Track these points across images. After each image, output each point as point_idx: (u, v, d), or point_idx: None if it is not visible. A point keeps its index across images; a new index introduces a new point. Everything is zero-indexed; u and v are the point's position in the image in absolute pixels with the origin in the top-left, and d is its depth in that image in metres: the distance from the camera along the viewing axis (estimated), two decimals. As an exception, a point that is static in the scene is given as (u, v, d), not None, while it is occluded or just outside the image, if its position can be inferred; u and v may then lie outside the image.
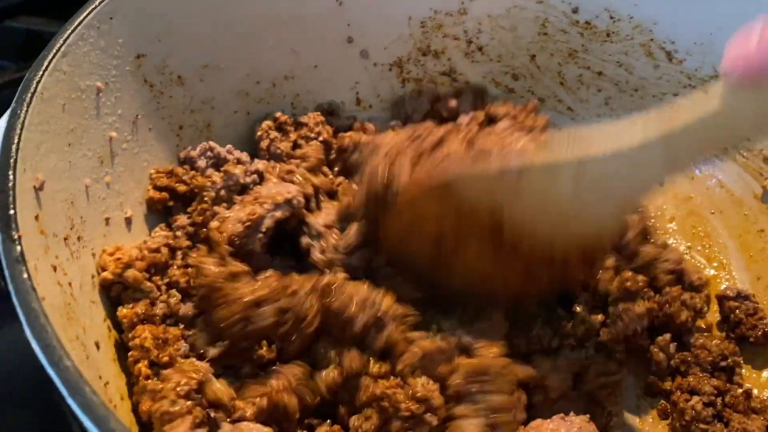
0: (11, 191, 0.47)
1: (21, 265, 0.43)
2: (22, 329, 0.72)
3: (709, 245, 0.82)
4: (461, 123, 0.84)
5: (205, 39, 0.76)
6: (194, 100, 0.77)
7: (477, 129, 0.70)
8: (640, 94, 0.89)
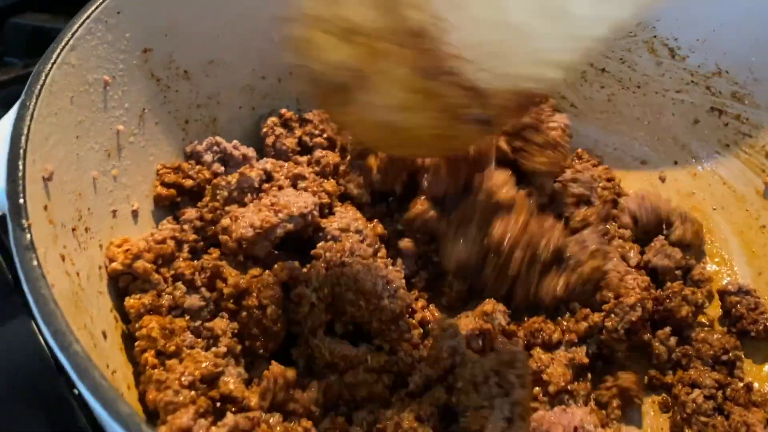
0: (21, 181, 0.48)
1: (31, 252, 0.44)
2: (29, 324, 0.74)
3: (711, 241, 0.82)
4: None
5: (211, 34, 0.77)
6: (200, 94, 0.77)
7: None
8: (642, 91, 0.89)
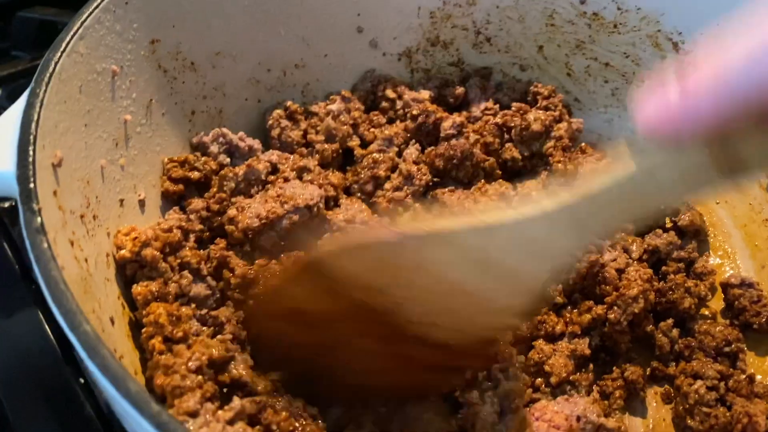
0: (31, 166, 0.49)
1: (41, 235, 0.45)
2: (36, 314, 0.75)
3: (714, 234, 0.82)
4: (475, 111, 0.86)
5: (218, 26, 0.77)
6: (206, 86, 0.78)
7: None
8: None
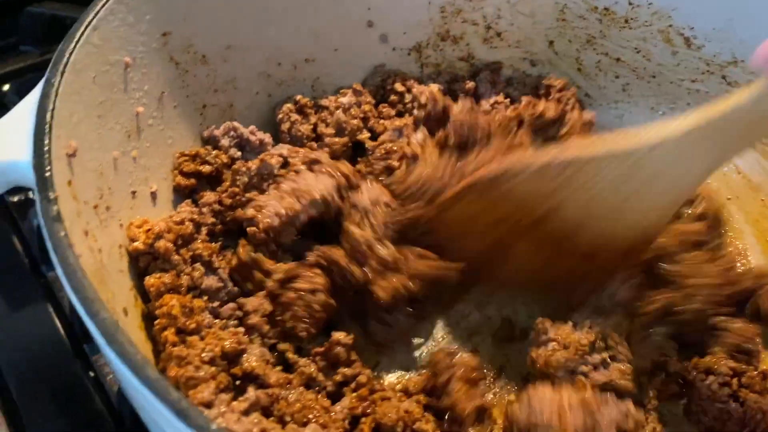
0: (47, 155, 0.49)
1: (58, 224, 0.45)
2: (46, 307, 0.75)
3: (725, 230, 0.81)
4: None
5: (229, 19, 0.77)
6: (217, 79, 0.78)
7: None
8: (657, 81, 0.89)
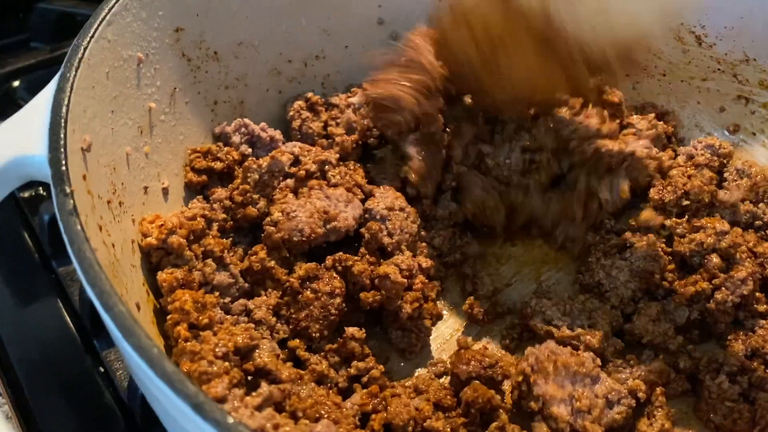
0: (63, 149, 0.49)
1: (75, 217, 0.45)
2: (56, 303, 0.75)
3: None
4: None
5: (240, 16, 0.77)
6: (229, 76, 0.78)
7: None
8: (668, 79, 0.89)
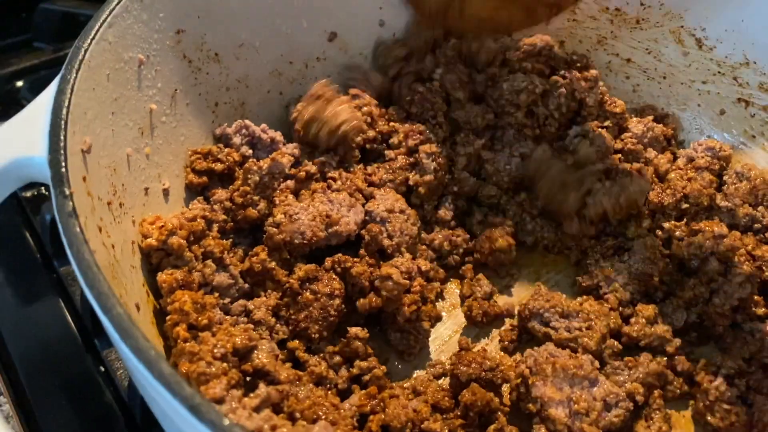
0: (63, 151, 0.49)
1: (74, 219, 0.45)
2: (57, 302, 0.76)
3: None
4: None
5: (242, 18, 0.77)
6: (230, 77, 0.78)
7: None
8: (668, 82, 0.89)
